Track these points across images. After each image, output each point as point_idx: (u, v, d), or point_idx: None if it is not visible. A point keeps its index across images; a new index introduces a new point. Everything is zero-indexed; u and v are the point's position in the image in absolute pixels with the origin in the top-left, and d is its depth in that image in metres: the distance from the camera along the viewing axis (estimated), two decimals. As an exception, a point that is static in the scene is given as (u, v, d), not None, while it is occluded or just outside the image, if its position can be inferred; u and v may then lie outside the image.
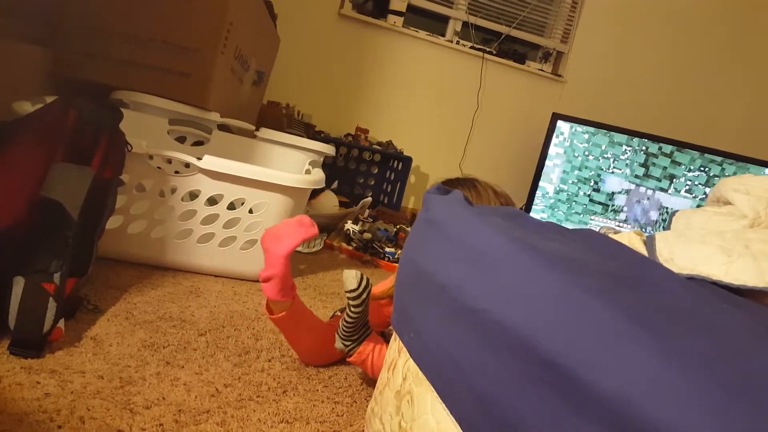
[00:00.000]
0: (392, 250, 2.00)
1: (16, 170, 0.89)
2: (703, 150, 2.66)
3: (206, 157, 1.26)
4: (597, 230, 0.68)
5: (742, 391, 0.34)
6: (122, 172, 1.08)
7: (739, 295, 0.55)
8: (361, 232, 2.00)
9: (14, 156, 0.89)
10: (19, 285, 0.81)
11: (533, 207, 2.74)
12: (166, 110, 1.51)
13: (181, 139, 1.63)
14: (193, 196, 1.30)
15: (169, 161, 1.37)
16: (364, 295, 0.90)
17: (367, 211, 2.37)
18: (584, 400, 0.38)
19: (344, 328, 0.92)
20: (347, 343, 0.93)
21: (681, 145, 2.66)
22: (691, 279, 0.57)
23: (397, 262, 1.91)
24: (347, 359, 0.95)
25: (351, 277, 0.89)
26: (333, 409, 0.89)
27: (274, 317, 0.96)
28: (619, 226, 2.73)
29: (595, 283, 0.44)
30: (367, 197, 2.40)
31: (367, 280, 0.91)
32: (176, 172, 1.32)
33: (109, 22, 1.49)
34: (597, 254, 0.53)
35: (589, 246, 0.56)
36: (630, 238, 0.66)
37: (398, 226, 2.22)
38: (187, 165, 1.28)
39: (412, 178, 3.03)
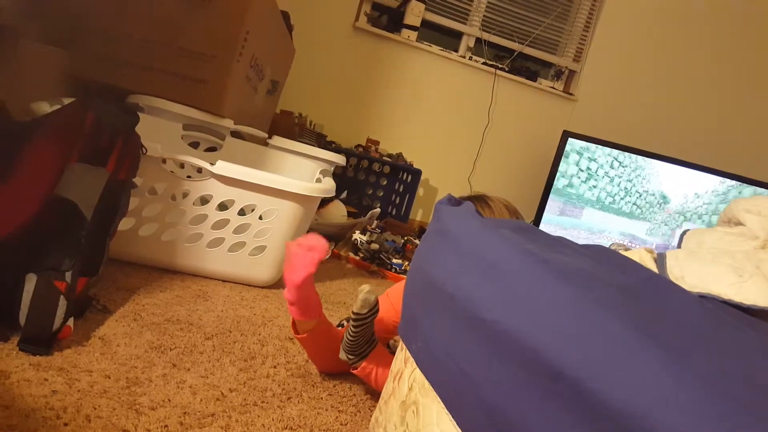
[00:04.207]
0: (399, 261, 2.00)
1: (33, 169, 0.90)
2: (716, 172, 2.65)
3: (219, 163, 1.27)
4: (607, 246, 0.68)
5: (751, 406, 0.34)
6: (136, 174, 1.09)
7: (749, 315, 0.55)
8: (369, 242, 2.00)
9: (31, 155, 0.91)
10: (31, 282, 0.82)
11: (542, 223, 2.74)
12: (180, 115, 1.53)
13: (195, 145, 1.64)
14: (205, 200, 1.31)
15: (182, 165, 1.38)
16: (367, 321, 0.91)
17: (375, 221, 2.37)
18: (594, 413, 0.38)
19: (347, 343, 0.92)
20: (351, 356, 0.93)
21: (692, 167, 2.65)
22: (702, 297, 0.57)
23: (404, 274, 1.91)
24: (351, 370, 0.95)
25: (364, 301, 0.88)
26: (337, 417, 0.89)
27: (298, 337, 0.97)
28: (629, 243, 2.72)
29: (606, 296, 0.44)
30: (375, 208, 2.41)
31: (376, 309, 0.91)
32: (189, 176, 1.34)
33: (127, 27, 1.51)
34: (608, 268, 0.53)
35: (600, 260, 0.56)
36: (641, 255, 0.66)
37: (406, 238, 2.22)
38: (200, 170, 1.30)
39: (420, 191, 3.04)
